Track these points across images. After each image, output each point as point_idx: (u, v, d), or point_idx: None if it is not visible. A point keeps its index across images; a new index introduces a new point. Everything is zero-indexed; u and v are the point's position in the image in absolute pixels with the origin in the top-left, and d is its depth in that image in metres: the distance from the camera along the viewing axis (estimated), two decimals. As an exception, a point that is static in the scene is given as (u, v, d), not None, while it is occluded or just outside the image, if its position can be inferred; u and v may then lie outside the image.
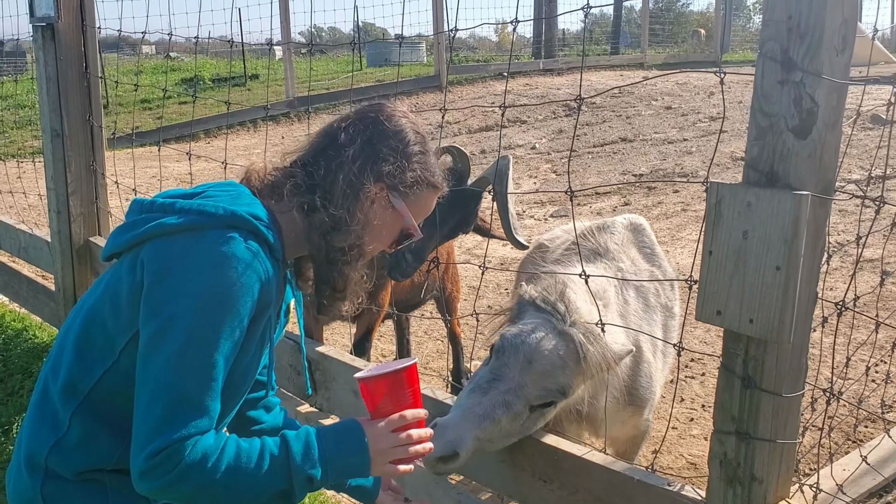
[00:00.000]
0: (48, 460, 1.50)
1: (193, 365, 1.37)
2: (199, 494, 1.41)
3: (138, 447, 1.36)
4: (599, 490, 1.93)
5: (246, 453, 1.44)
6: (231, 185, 1.61)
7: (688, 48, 21.64)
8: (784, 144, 1.48)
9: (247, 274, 1.42)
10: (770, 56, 1.47)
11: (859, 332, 4.49)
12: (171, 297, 1.39)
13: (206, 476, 1.38)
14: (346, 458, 1.53)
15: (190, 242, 1.43)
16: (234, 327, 1.41)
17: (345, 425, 1.60)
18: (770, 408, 1.57)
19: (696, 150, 10.21)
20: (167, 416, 1.35)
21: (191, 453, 1.36)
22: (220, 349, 1.39)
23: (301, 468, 1.47)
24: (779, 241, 1.44)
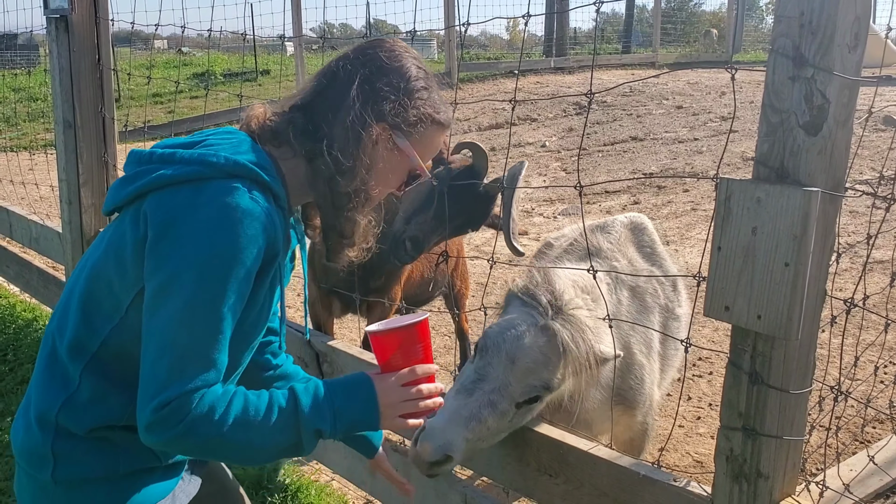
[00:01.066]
0: (59, 417, 1.47)
1: (200, 319, 1.35)
2: (206, 447, 1.40)
3: (145, 400, 1.34)
4: (605, 485, 1.93)
5: (254, 406, 1.41)
6: (231, 133, 1.56)
7: (699, 48, 21.55)
8: (794, 141, 1.47)
9: (252, 225, 1.38)
10: (781, 52, 1.46)
11: (868, 333, 4.47)
12: (175, 250, 1.35)
13: (213, 429, 1.36)
14: (356, 411, 1.51)
15: (193, 194, 1.39)
16: (241, 279, 1.38)
17: (354, 379, 1.57)
18: (777, 404, 1.57)
19: (706, 150, 10.19)
20: (174, 369, 1.33)
21: (198, 406, 1.34)
22: (226, 302, 1.36)
23: (310, 421, 1.45)
24: (788, 238, 1.44)
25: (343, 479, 3.18)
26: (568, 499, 2.02)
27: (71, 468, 1.47)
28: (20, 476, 1.54)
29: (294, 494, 3.09)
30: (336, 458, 2.82)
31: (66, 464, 1.47)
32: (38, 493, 1.50)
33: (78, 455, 1.48)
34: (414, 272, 3.40)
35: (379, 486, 2.66)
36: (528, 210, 8.55)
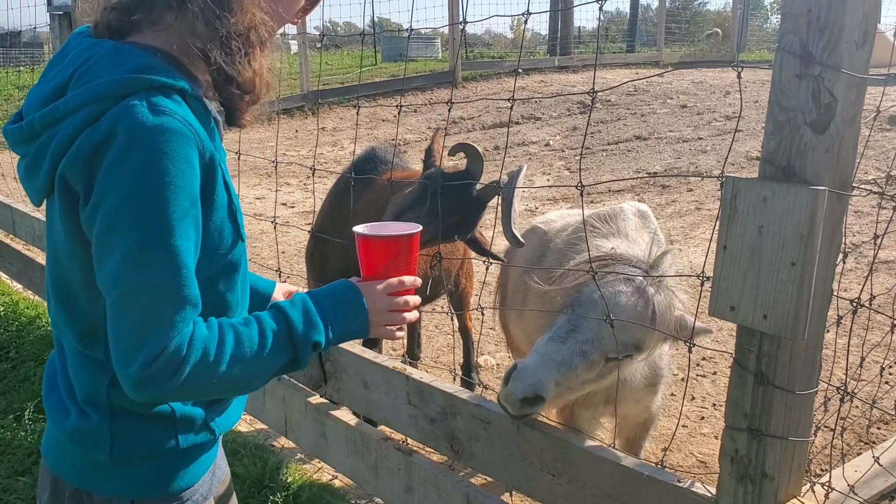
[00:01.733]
0: (110, 398, 1.41)
1: (154, 257, 1.24)
2: (206, 390, 1.34)
3: (125, 358, 1.25)
4: (608, 485, 1.92)
5: (247, 336, 1.34)
6: (93, 49, 1.35)
7: (704, 47, 21.51)
8: (801, 139, 1.46)
9: (170, 141, 1.25)
10: (788, 50, 1.45)
11: (874, 334, 4.45)
12: (102, 197, 1.24)
13: (212, 371, 1.29)
14: (347, 320, 1.47)
15: (98, 136, 1.25)
16: (183, 203, 1.26)
17: (341, 287, 1.51)
18: (783, 405, 1.56)
19: (710, 149, 10.16)
20: (148, 318, 1.24)
21: (190, 352, 1.26)
22: (176, 233, 1.25)
23: (304, 337, 1.40)
24: (794, 237, 1.43)
25: (345, 478, 3.17)
26: (571, 499, 2.01)
27: (130, 447, 1.43)
28: (67, 452, 1.48)
29: (296, 493, 3.08)
30: (339, 456, 2.82)
31: (125, 443, 1.43)
32: (91, 471, 1.45)
33: (137, 433, 1.43)
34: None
35: (381, 484, 2.65)
36: (532, 209, 8.53)
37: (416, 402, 2.39)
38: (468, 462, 2.29)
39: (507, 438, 2.13)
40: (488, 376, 4.54)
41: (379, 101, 13.86)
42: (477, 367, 4.34)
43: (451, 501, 2.37)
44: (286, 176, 10.14)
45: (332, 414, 2.81)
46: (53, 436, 1.49)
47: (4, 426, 3.73)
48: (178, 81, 1.32)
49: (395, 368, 2.46)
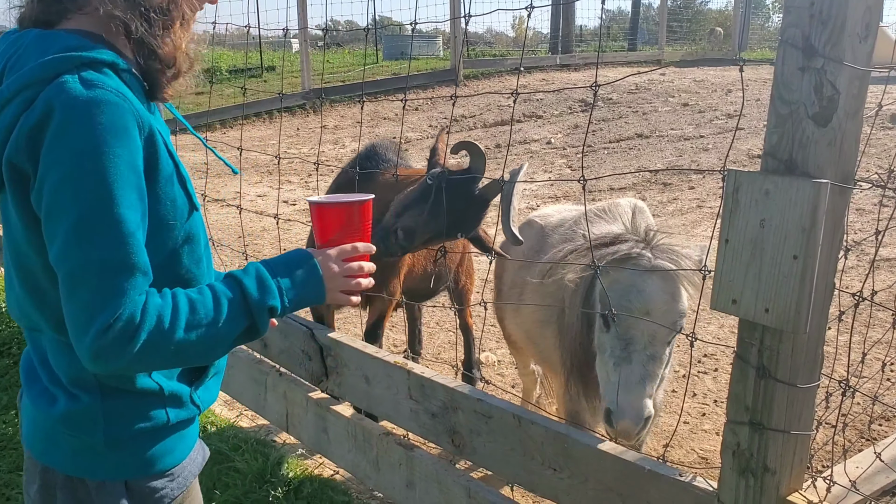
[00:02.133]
0: (98, 376, 1.42)
1: (99, 229, 1.25)
2: (164, 358, 1.33)
3: (80, 330, 1.25)
4: (610, 479, 1.92)
5: (201, 304, 1.35)
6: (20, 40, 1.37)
7: (706, 46, 21.49)
8: (804, 132, 1.46)
9: (106, 111, 1.26)
10: (791, 43, 1.45)
11: (875, 331, 4.45)
12: (46, 174, 1.25)
13: (167, 339, 1.29)
14: (301, 285, 1.48)
15: (34, 117, 1.26)
16: (125, 172, 1.27)
17: (295, 254, 1.53)
18: (784, 398, 1.56)
19: (712, 147, 10.16)
20: (100, 288, 1.25)
21: (144, 320, 1.27)
22: (120, 202, 1.26)
23: (259, 302, 1.40)
24: (796, 230, 1.43)
25: (347, 473, 3.17)
26: (572, 493, 2.01)
27: (123, 425, 1.45)
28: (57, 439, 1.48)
29: (298, 488, 3.08)
30: (340, 451, 2.82)
31: (118, 422, 1.44)
32: (84, 455, 1.46)
33: (129, 411, 1.45)
34: (415, 266, 3.38)
35: (383, 479, 2.66)
36: (533, 207, 8.53)
37: (418, 396, 2.39)
38: (469, 457, 2.30)
39: (508, 433, 2.13)
40: (490, 373, 4.54)
41: (380, 99, 13.87)
42: (478, 363, 4.34)
43: (452, 496, 2.37)
44: (287, 174, 10.14)
45: (333, 409, 2.81)
46: (40, 426, 1.48)
47: (7, 421, 3.73)
48: (107, 56, 1.33)
49: (397, 363, 2.47)
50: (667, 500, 1.80)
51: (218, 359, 1.47)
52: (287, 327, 2.88)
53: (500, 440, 2.16)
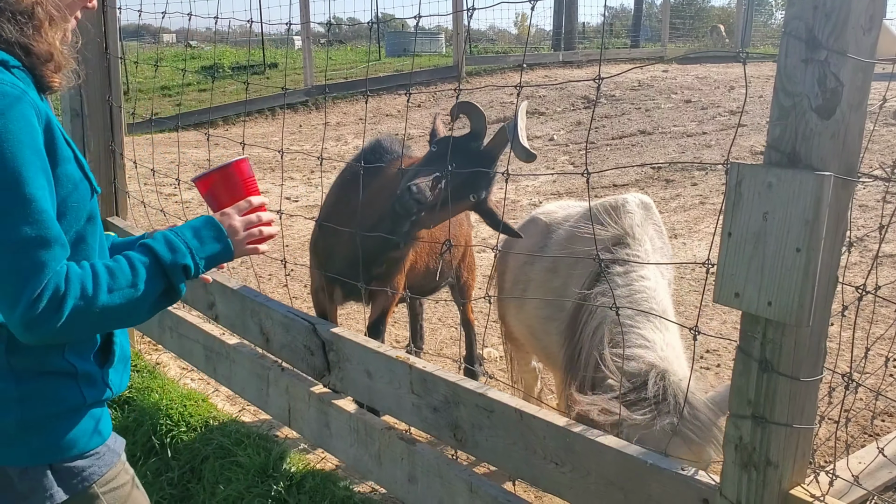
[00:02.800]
0: (10, 361, 1.49)
1: (13, 209, 1.33)
2: (92, 323, 1.41)
3: (9, 305, 1.33)
4: (611, 473, 1.92)
5: (118, 269, 1.45)
6: None
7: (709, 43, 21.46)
8: (807, 125, 1.45)
9: (4, 102, 1.34)
10: (794, 34, 1.44)
11: (878, 327, 4.44)
12: None
13: (91, 303, 1.38)
14: (210, 243, 1.60)
15: None
16: (30, 156, 1.36)
17: (198, 219, 1.65)
18: (787, 392, 1.55)
19: (715, 144, 10.14)
20: (21, 264, 1.33)
21: (68, 287, 1.36)
22: (29, 182, 1.34)
23: (173, 263, 1.51)
24: (800, 223, 1.42)
25: (349, 468, 3.18)
26: (574, 487, 2.01)
27: (38, 406, 1.51)
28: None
29: (300, 482, 3.08)
30: (342, 445, 2.82)
31: (33, 403, 1.50)
32: (2, 439, 1.50)
33: (43, 392, 1.51)
34: (418, 262, 3.38)
35: (385, 473, 2.66)
36: (536, 203, 8.52)
37: (420, 391, 2.39)
38: (471, 451, 2.29)
39: (510, 427, 2.13)
40: (492, 368, 4.54)
41: (383, 95, 13.86)
42: (480, 359, 4.34)
43: (454, 490, 2.37)
44: (290, 170, 10.14)
45: (335, 403, 2.81)
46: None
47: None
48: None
49: (399, 358, 2.46)
50: (669, 495, 1.80)
51: (142, 321, 1.54)
52: (289, 322, 2.89)
53: (502, 434, 2.16)
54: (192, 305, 3.62)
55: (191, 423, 3.64)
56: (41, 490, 1.52)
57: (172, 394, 3.88)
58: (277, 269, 6.28)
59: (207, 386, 4.25)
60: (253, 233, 1.69)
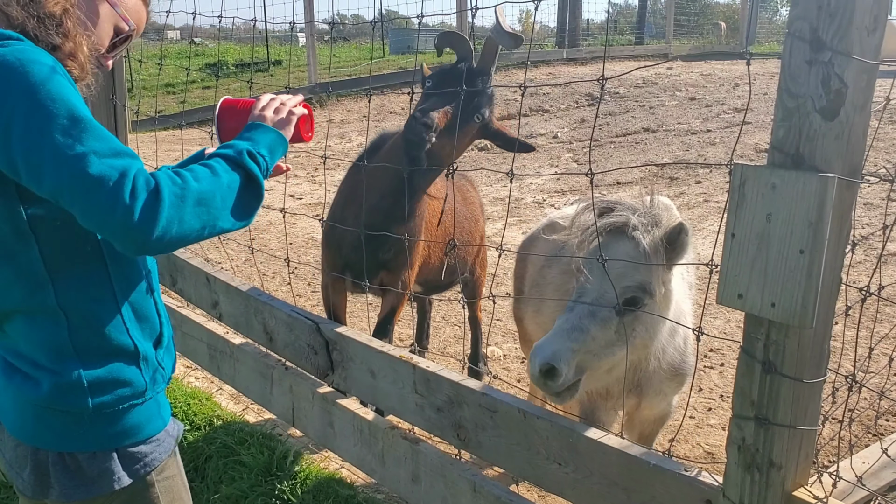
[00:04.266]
0: (74, 343, 1.53)
1: (81, 135, 1.34)
2: (195, 211, 1.42)
3: (109, 212, 1.32)
4: (615, 474, 1.92)
5: (195, 168, 1.48)
6: None
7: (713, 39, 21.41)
8: (811, 126, 1.45)
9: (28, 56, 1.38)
10: (798, 35, 1.44)
11: (882, 326, 4.43)
12: (8, 128, 1.35)
13: (186, 189, 1.40)
14: (259, 135, 1.65)
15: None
16: (71, 88, 1.40)
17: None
18: (790, 393, 1.55)
19: (719, 141, 10.12)
20: (104, 172, 1.33)
21: (157, 178, 1.38)
22: (82, 108, 1.38)
23: (238, 152, 1.55)
24: (803, 224, 1.42)
25: (352, 467, 3.18)
26: (577, 488, 2.01)
27: (106, 392, 1.55)
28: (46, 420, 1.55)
29: (303, 482, 3.09)
30: (346, 445, 2.82)
31: (101, 389, 1.55)
32: (73, 430, 1.55)
33: (109, 377, 1.56)
34: (432, 258, 3.34)
35: (388, 473, 2.66)
36: (540, 201, 8.52)
37: (423, 391, 2.39)
38: (475, 451, 2.30)
39: (513, 427, 2.13)
40: (495, 367, 4.54)
41: (387, 93, 13.85)
42: (484, 357, 4.34)
43: (457, 490, 2.37)
44: (294, 168, 10.15)
45: (339, 403, 2.81)
46: (27, 412, 1.56)
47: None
48: (17, 35, 1.45)
49: (402, 358, 2.47)
50: (672, 495, 1.80)
51: (243, 217, 1.54)
52: (293, 321, 2.89)
53: (506, 434, 2.16)
54: (196, 304, 3.62)
55: (195, 421, 3.65)
56: (108, 474, 1.57)
57: (176, 392, 3.89)
58: (281, 267, 6.28)
59: (211, 385, 4.26)
60: (281, 111, 1.74)
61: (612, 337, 2.09)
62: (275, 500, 3.00)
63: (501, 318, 5.25)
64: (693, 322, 2.53)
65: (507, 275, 5.96)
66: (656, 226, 2.16)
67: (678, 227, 2.12)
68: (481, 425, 2.23)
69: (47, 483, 1.57)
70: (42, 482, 1.57)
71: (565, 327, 2.04)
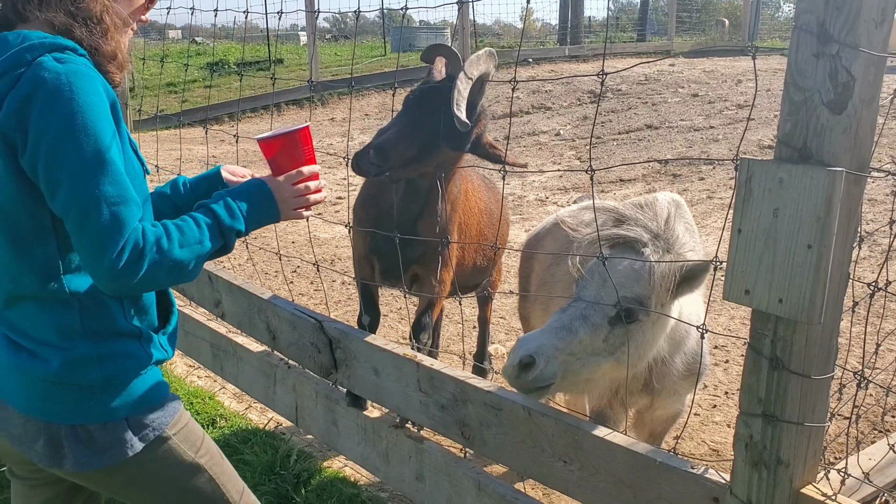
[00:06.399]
0: (84, 323, 1.66)
1: (98, 172, 1.50)
2: (165, 275, 1.59)
3: (95, 258, 1.51)
4: (621, 472, 1.90)
5: (187, 228, 1.65)
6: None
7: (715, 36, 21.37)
8: (818, 120, 1.43)
9: (82, 79, 1.52)
10: (805, 28, 1.42)
11: (888, 322, 4.42)
12: (40, 138, 1.49)
13: (166, 256, 1.57)
14: (260, 210, 1.80)
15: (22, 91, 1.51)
16: (107, 125, 1.54)
17: (252, 184, 1.84)
18: (798, 390, 1.54)
19: (722, 138, 10.10)
20: (106, 220, 1.50)
21: (146, 242, 1.54)
22: (110, 149, 1.53)
23: (230, 227, 1.72)
24: (811, 219, 1.41)
25: (356, 466, 3.17)
26: (583, 485, 2.00)
27: (114, 365, 1.68)
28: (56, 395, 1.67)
29: (307, 480, 3.08)
30: (349, 444, 2.82)
31: (110, 362, 1.68)
32: (83, 403, 1.67)
33: (117, 351, 1.69)
34: (466, 259, 3.23)
35: (392, 471, 2.65)
36: (543, 199, 8.50)
37: (427, 389, 2.38)
38: (479, 449, 2.28)
39: (518, 425, 2.12)
40: (499, 365, 4.53)
41: (388, 91, 13.84)
42: (489, 356, 4.32)
43: (462, 488, 2.36)
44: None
45: (343, 402, 2.80)
46: (36, 389, 1.67)
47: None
48: (69, 43, 1.60)
49: (406, 356, 2.45)
50: (678, 493, 1.79)
51: (197, 275, 1.71)
52: (296, 320, 2.88)
53: (510, 432, 2.15)
54: (199, 303, 3.62)
55: (198, 420, 3.64)
56: (121, 443, 1.69)
57: (179, 391, 3.88)
58: (284, 266, 6.28)
59: (214, 384, 4.26)
60: (299, 201, 1.86)
61: (600, 346, 2.04)
62: (278, 498, 2.99)
63: (505, 315, 5.24)
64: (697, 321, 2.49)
65: (510, 272, 5.95)
66: (668, 252, 2.12)
67: (704, 267, 2.07)
68: (486, 423, 2.21)
69: (61, 454, 1.67)
70: (56, 453, 1.67)
71: (555, 325, 2.02)
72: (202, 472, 1.84)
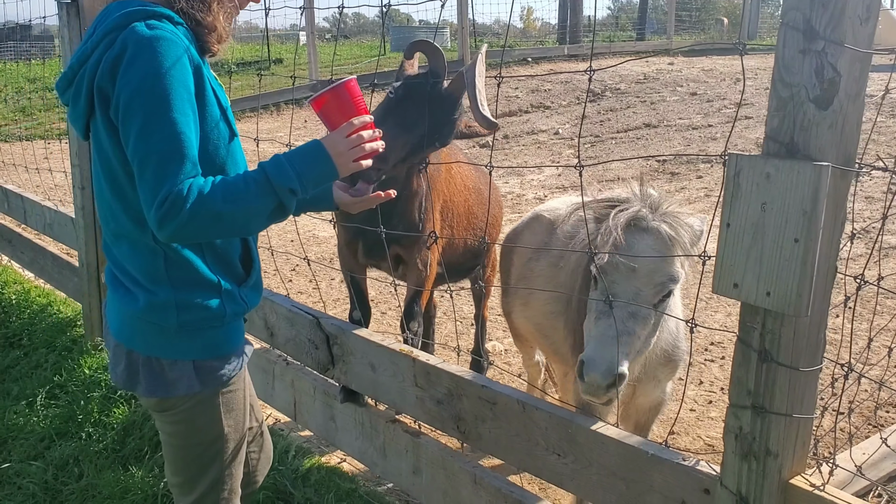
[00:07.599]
0: (168, 272, 1.82)
1: (158, 129, 1.63)
2: (209, 223, 1.67)
3: (148, 206, 1.65)
4: (613, 464, 1.93)
5: (232, 182, 1.70)
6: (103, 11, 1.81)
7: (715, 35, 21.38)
8: (805, 115, 1.46)
9: (164, 44, 1.66)
10: (792, 25, 1.45)
11: (882, 318, 4.44)
12: (120, 92, 1.66)
13: (207, 206, 1.64)
14: (314, 166, 1.80)
15: (114, 52, 1.68)
16: (178, 88, 1.66)
17: (306, 144, 1.87)
18: (786, 382, 1.56)
19: (720, 137, 10.11)
20: (158, 173, 1.63)
21: (189, 192, 1.63)
22: (175, 108, 1.65)
23: (281, 183, 1.73)
24: (798, 213, 1.43)
25: (354, 461, 3.19)
26: (576, 478, 2.02)
27: (191, 313, 1.84)
28: (140, 328, 1.85)
29: (305, 475, 3.10)
30: (347, 438, 2.84)
31: (187, 310, 1.83)
32: (160, 340, 1.85)
33: (195, 301, 1.84)
34: (457, 240, 3.22)
35: (390, 465, 2.67)
36: (541, 197, 8.52)
37: (423, 384, 2.40)
38: (475, 443, 2.31)
39: (512, 419, 2.14)
40: (496, 362, 4.55)
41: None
42: (486, 353, 4.34)
43: (458, 482, 2.39)
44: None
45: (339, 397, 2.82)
46: (126, 320, 1.87)
47: (17, 412, 3.77)
48: (165, 11, 1.76)
49: (402, 351, 2.48)
50: (670, 485, 1.81)
51: (260, 230, 1.83)
52: (294, 316, 2.90)
53: (505, 426, 2.17)
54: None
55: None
56: (185, 380, 1.86)
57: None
58: (282, 265, 6.30)
59: (214, 380, 4.27)
60: (355, 152, 1.86)
61: (651, 330, 2.12)
62: (277, 493, 3.01)
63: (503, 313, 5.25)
64: (682, 311, 2.52)
65: (509, 270, 5.97)
66: (658, 209, 2.17)
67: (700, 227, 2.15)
68: (481, 417, 2.24)
69: (136, 379, 1.87)
70: (132, 378, 1.87)
71: (611, 335, 2.02)
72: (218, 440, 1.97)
